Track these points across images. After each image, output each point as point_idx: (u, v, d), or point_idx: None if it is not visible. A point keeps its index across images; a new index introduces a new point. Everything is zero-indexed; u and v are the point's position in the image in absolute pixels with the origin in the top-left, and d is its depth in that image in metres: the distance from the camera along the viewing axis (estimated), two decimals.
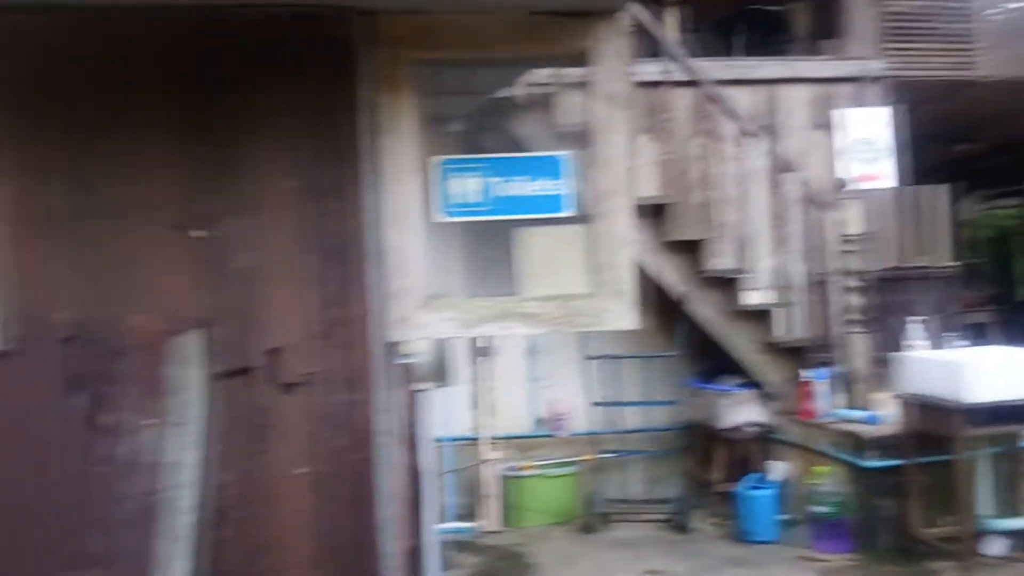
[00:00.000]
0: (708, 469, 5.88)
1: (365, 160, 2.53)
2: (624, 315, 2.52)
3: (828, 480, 4.94)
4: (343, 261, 2.53)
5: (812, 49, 6.55)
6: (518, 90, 5.25)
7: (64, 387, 2.38)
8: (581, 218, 2.58)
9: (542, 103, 5.49)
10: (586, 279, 2.52)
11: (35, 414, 2.36)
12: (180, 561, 2.37)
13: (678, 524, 5.54)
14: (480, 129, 4.70)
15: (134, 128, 2.41)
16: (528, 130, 5.49)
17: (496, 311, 2.59)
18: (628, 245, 2.54)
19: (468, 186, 2.59)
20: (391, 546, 2.55)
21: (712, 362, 5.80)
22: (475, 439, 5.85)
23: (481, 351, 5.95)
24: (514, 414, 6.12)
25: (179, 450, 2.42)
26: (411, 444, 3.09)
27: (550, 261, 2.61)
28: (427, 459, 3.38)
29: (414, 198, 2.58)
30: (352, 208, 2.53)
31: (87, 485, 2.37)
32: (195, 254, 2.46)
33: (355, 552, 2.51)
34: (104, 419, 2.40)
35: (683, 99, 5.60)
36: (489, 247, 2.56)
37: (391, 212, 2.55)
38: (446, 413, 5.30)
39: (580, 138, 2.84)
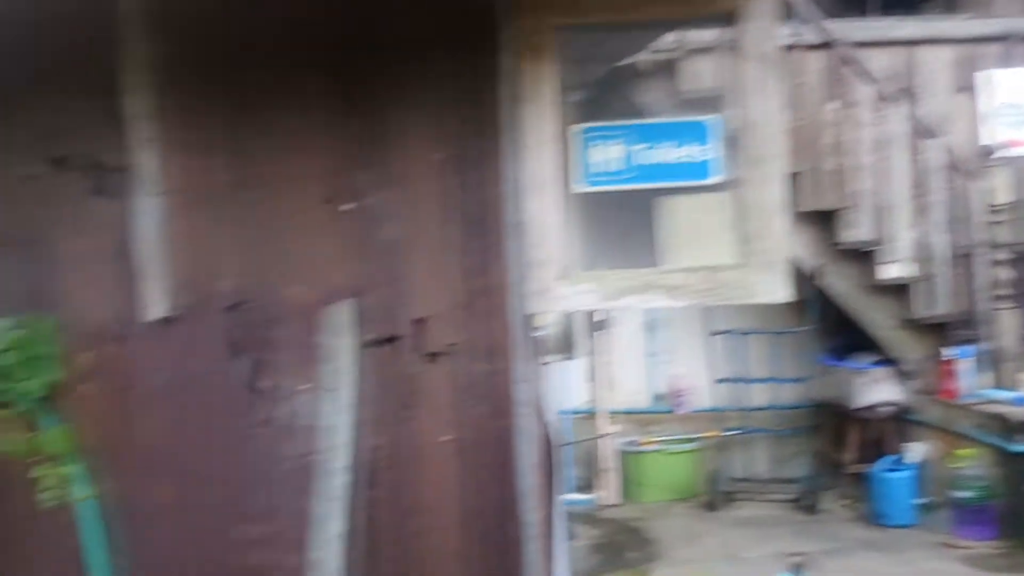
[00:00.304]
0: (839, 449, 5.66)
1: (506, 130, 2.52)
2: (775, 287, 2.43)
3: (972, 464, 4.67)
4: (484, 232, 2.54)
5: (954, 7, 6.11)
6: (641, 57, 5.14)
7: (226, 353, 2.51)
8: (729, 185, 2.49)
9: (665, 70, 5.36)
10: (734, 249, 2.44)
11: (201, 378, 2.50)
12: (335, 519, 2.47)
13: (806, 505, 5.37)
14: (601, 98, 4.63)
15: (289, 104, 2.49)
16: (650, 97, 5.38)
17: (638, 283, 2.55)
18: (780, 213, 2.44)
19: (610, 154, 2.54)
20: (532, 514, 2.57)
21: (845, 338, 5.56)
22: (592, 413, 5.84)
23: (598, 325, 5.92)
24: (632, 388, 6.08)
25: (332, 414, 2.51)
26: (540, 415, 3.10)
27: (695, 230, 2.54)
28: (555, 431, 3.39)
29: (554, 168, 2.56)
30: (493, 178, 2.53)
31: (249, 446, 2.50)
32: (345, 226, 2.53)
33: (498, 519, 2.55)
34: (263, 383, 2.52)
35: (816, 62, 5.34)
36: (629, 217, 2.51)
37: (531, 182, 2.54)
38: (563, 386, 5.32)
39: (707, 104, 2.75)
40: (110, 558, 2.42)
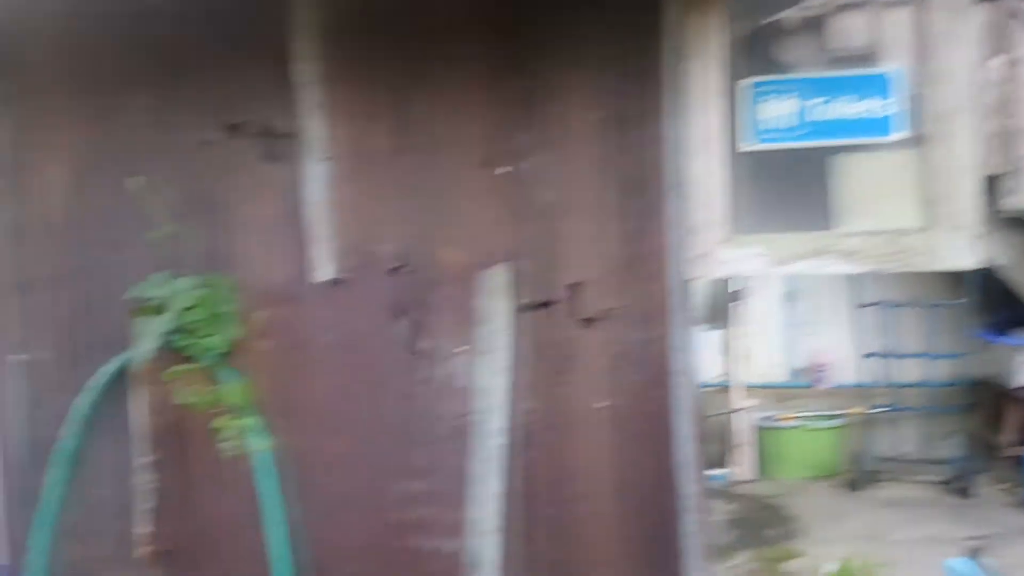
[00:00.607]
0: (996, 430, 5.28)
1: (668, 87, 2.43)
2: (964, 253, 2.25)
3: None
4: (643, 194, 2.48)
5: None
6: (788, 13, 4.86)
7: (389, 314, 2.56)
8: (913, 142, 2.31)
9: (812, 27, 5.06)
10: (918, 212, 2.27)
11: (366, 338, 2.57)
12: (492, 479, 2.50)
13: (959, 488, 5.05)
14: (745, 55, 4.42)
15: (448, 69, 2.50)
16: (796, 56, 5.09)
17: (811, 247, 2.42)
18: (971, 172, 2.25)
19: (781, 109, 2.41)
20: (689, 486, 2.52)
21: (1007, 312, 5.15)
22: (725, 386, 5.68)
23: (733, 295, 5.73)
24: (769, 361, 5.87)
25: (488, 376, 2.53)
26: (695, 386, 3.02)
27: (875, 191, 2.37)
28: (700, 402, 3.30)
29: (719, 125, 2.45)
30: (653, 138, 2.45)
31: (410, 404, 2.56)
32: (501, 190, 2.52)
33: (653, 489, 2.51)
34: (422, 344, 2.56)
35: (978, 17, 4.90)
36: (801, 176, 2.37)
37: (694, 140, 2.45)
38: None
39: (858, 61, 2.56)
40: (283, 505, 2.54)
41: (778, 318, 5.87)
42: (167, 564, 2.60)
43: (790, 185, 3.03)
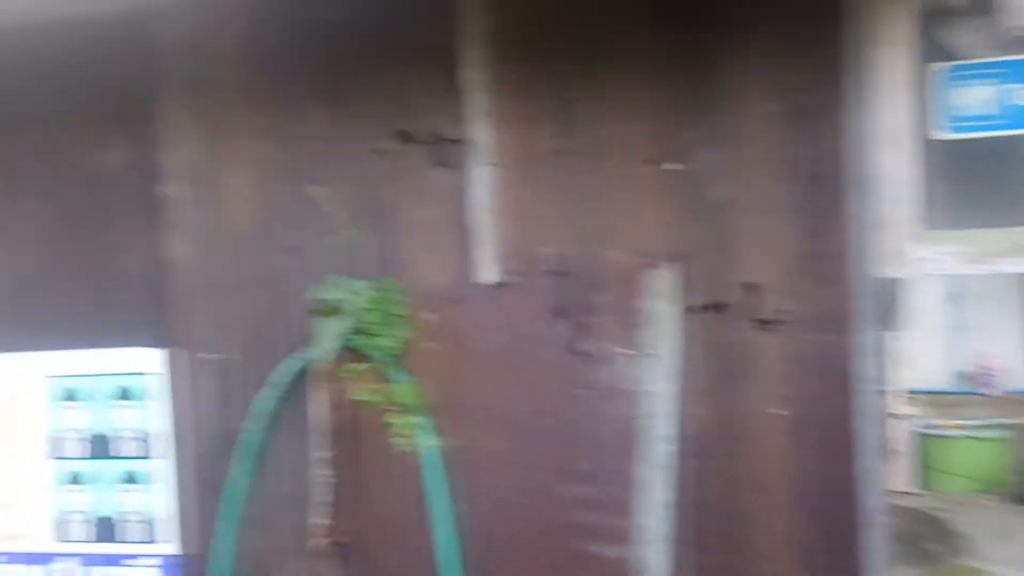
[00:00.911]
0: None
1: (850, 74, 2.29)
2: None
3: None
4: (821, 189, 2.34)
5: None
6: None
7: (550, 316, 2.55)
8: None
9: (981, 7, 4.64)
10: None
11: (527, 340, 2.57)
12: (660, 487, 2.44)
13: None
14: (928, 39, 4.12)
15: (614, 68, 2.46)
16: (963, 39, 4.69)
17: (1010, 244, 2.20)
18: None
19: (979, 96, 2.21)
20: (871, 499, 2.35)
21: None
22: (884, 391, 5.31)
23: (893, 294, 5.36)
24: (931, 366, 5.45)
25: (655, 380, 2.46)
26: (881, 393, 2.83)
27: None
28: (885, 411, 3.09)
29: (906, 114, 2.28)
30: (833, 129, 2.32)
31: (573, 406, 2.54)
32: (668, 187, 2.45)
33: (832, 501, 2.37)
34: (584, 347, 2.54)
35: None
36: (1001, 167, 2.17)
37: (880, 131, 2.28)
38: None
39: None
40: (450, 503, 2.58)
41: (942, 319, 5.44)
42: (341, 556, 2.71)
43: (987, 177, 2.78)
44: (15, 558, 2.96)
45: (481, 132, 2.55)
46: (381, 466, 2.66)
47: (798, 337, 2.37)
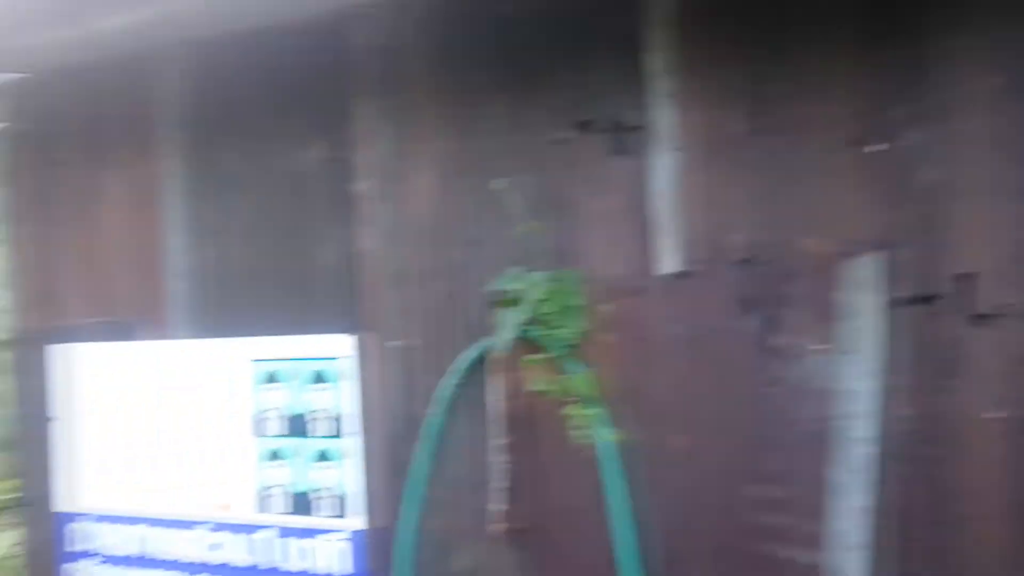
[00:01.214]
0: None
1: None
2: None
3: None
4: None
5: None
6: None
7: (737, 308, 2.45)
8: None
9: None
10: None
11: (712, 333, 2.48)
12: (858, 492, 2.28)
13: None
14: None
15: (811, 42, 2.31)
16: None
17: None
18: None
19: None
20: None
21: None
22: None
23: None
24: None
25: (853, 378, 2.30)
26: None
27: None
28: None
29: None
30: None
31: (760, 405, 2.42)
32: (872, 170, 2.28)
33: None
34: (774, 341, 2.41)
35: None
36: None
37: None
38: None
39: None
40: (628, 497, 2.54)
41: None
42: (519, 542, 2.74)
43: None
44: (222, 527, 3.23)
45: (664, 116, 2.48)
46: (558, 456, 2.67)
47: (1018, 333, 2.14)
